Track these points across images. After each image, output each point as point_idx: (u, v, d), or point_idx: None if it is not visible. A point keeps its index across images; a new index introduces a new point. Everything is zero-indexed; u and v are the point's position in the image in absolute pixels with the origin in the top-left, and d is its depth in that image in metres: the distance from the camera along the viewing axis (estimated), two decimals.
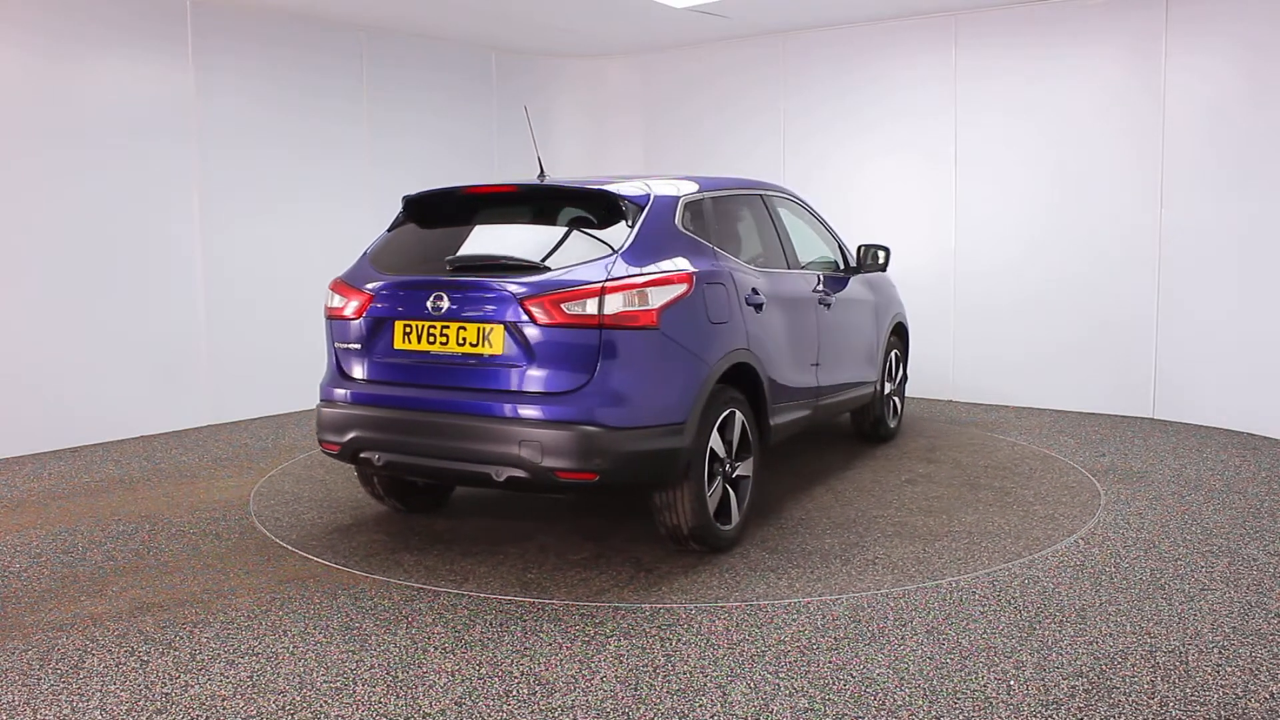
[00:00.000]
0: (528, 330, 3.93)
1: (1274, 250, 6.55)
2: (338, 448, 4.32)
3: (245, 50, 7.40)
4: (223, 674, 3.19)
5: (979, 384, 8.08)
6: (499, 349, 3.99)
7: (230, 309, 7.38)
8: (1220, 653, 3.28)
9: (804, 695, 3.01)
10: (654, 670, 3.19)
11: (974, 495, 5.28)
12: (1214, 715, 2.87)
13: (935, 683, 3.09)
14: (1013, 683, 3.08)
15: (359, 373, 4.36)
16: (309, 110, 7.83)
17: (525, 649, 3.37)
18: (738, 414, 4.39)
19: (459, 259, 4.22)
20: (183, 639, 3.47)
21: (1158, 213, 7.14)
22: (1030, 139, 7.62)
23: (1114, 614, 3.62)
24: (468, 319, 4.04)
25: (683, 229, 4.38)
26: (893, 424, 6.71)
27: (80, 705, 2.99)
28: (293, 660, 3.29)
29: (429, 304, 4.10)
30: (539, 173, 4.91)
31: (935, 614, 3.64)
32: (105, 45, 6.67)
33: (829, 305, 5.53)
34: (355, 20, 7.94)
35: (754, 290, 4.63)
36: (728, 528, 4.36)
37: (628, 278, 3.94)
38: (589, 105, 10.00)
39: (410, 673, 3.19)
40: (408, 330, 4.20)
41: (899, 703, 2.96)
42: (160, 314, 7.01)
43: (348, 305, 4.37)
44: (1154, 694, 3.00)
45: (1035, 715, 2.87)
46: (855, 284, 6.04)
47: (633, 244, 4.10)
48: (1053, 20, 7.43)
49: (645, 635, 3.47)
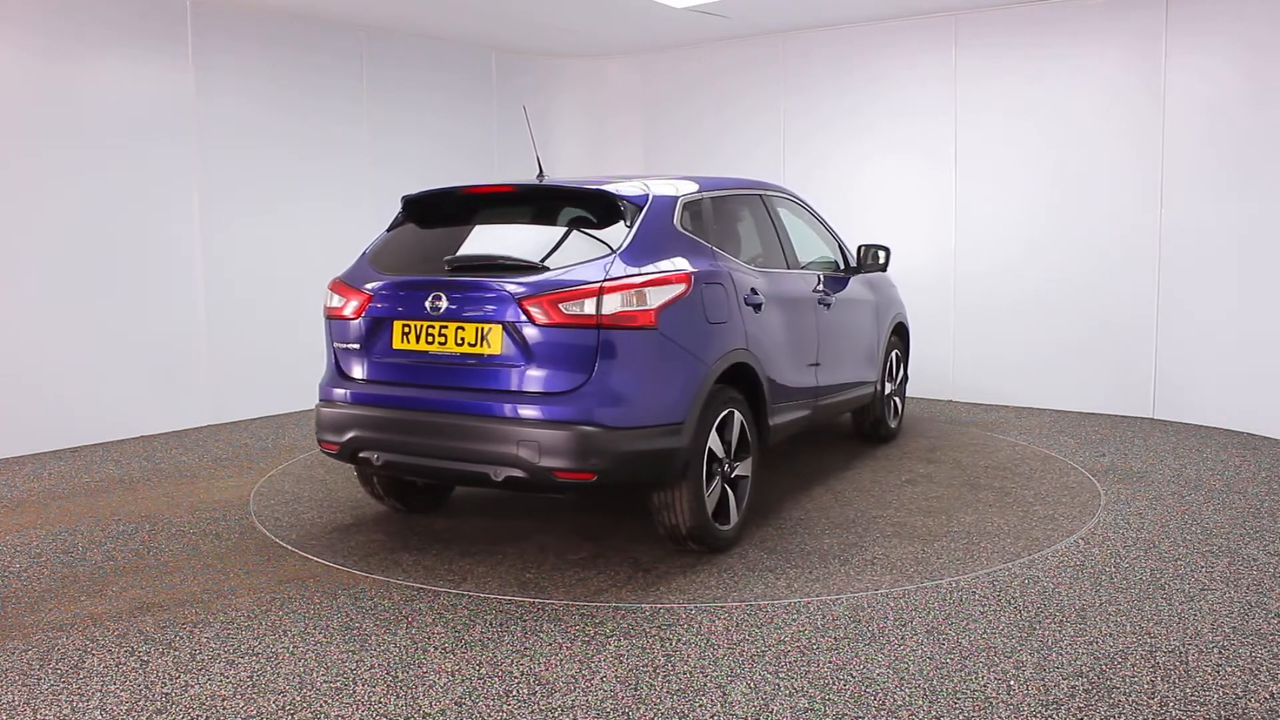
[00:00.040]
0: (526, 330, 3.93)
1: (1274, 250, 6.55)
2: (337, 447, 4.33)
3: (245, 50, 7.40)
4: (223, 674, 3.19)
5: (979, 384, 8.08)
6: (497, 349, 3.99)
7: (230, 309, 7.39)
8: (1220, 653, 3.28)
9: (804, 695, 3.01)
10: (654, 670, 3.19)
11: (974, 495, 5.28)
12: (1214, 715, 2.87)
13: (935, 683, 3.09)
14: (1013, 683, 3.08)
15: (358, 373, 4.36)
16: (309, 110, 7.83)
17: (525, 649, 3.37)
18: (736, 414, 4.39)
19: (457, 259, 4.22)
20: (183, 639, 3.47)
21: (1158, 213, 7.14)
22: (1030, 139, 7.62)
23: (1114, 614, 3.62)
24: (466, 319, 4.04)
25: (681, 229, 4.37)
26: (893, 424, 6.70)
27: (80, 705, 2.99)
28: (293, 660, 3.29)
29: (428, 304, 4.10)
30: (538, 173, 4.91)
31: (935, 614, 3.64)
32: (105, 45, 6.67)
33: (829, 305, 5.52)
34: (355, 20, 7.94)
35: (753, 290, 4.62)
36: (726, 528, 4.36)
37: (626, 278, 3.94)
38: (589, 105, 10.00)
39: (410, 673, 3.19)
40: (406, 330, 4.20)
41: (899, 703, 2.96)
42: (160, 314, 7.01)
43: (347, 305, 4.37)
44: (1154, 694, 3.00)
45: (1035, 715, 2.87)
46: (855, 284, 6.03)
47: (631, 244, 4.10)
48: (1053, 20, 7.43)
49: (645, 635, 3.47)
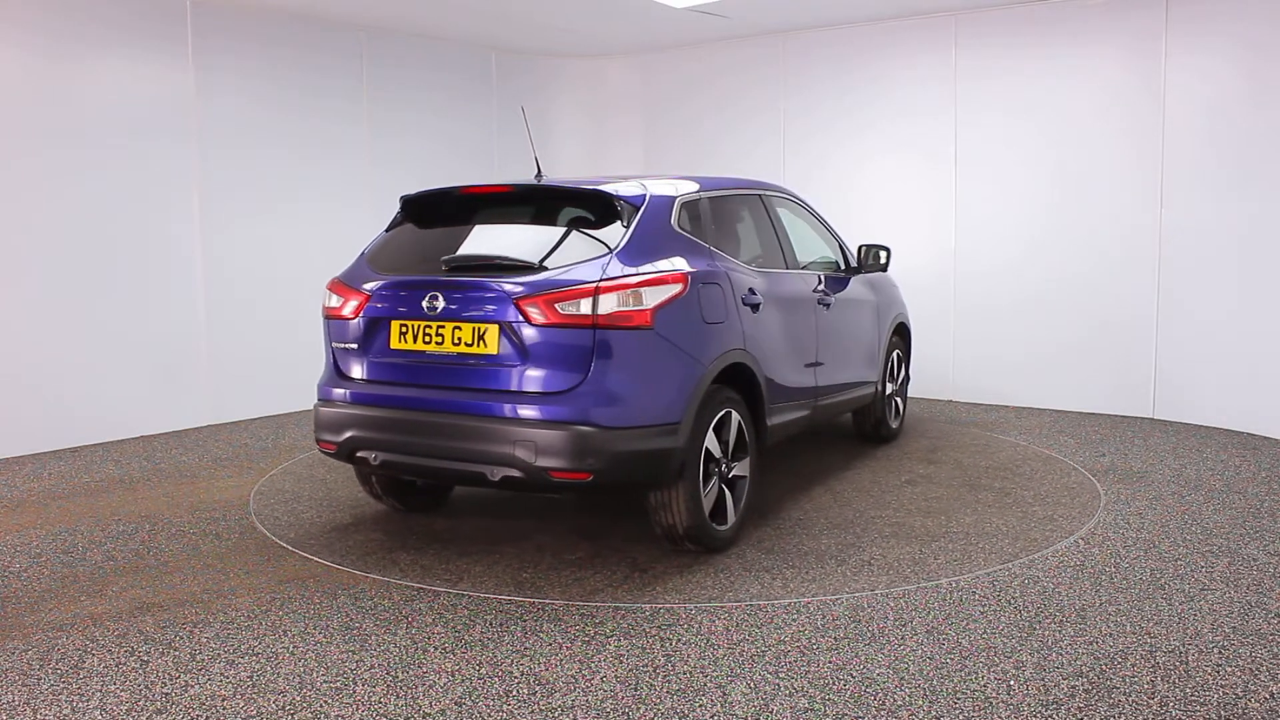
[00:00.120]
0: (522, 330, 3.93)
1: (1274, 250, 6.55)
2: (335, 447, 4.33)
3: (245, 50, 7.40)
4: (223, 674, 3.19)
5: (979, 384, 8.08)
6: (494, 349, 3.99)
7: (230, 309, 7.39)
8: (1220, 653, 3.28)
9: (804, 695, 3.01)
10: (654, 670, 3.19)
11: (974, 496, 5.28)
12: (1214, 715, 2.87)
13: (935, 683, 3.09)
14: (1013, 683, 3.08)
15: (356, 372, 4.37)
16: (309, 110, 7.83)
17: (525, 649, 3.37)
18: (734, 414, 4.39)
19: (455, 259, 4.23)
20: (183, 639, 3.47)
21: (1158, 213, 7.14)
22: (1030, 139, 7.62)
23: (1114, 614, 3.62)
24: (463, 319, 4.04)
25: (679, 229, 4.37)
26: (894, 424, 6.70)
27: (80, 705, 2.99)
28: (293, 660, 3.29)
29: (425, 304, 4.10)
30: (536, 173, 4.91)
31: (935, 614, 3.64)
32: (105, 45, 6.67)
33: (828, 305, 5.52)
34: (355, 20, 7.94)
35: (751, 290, 4.62)
36: (723, 528, 4.36)
37: (622, 278, 3.94)
38: (589, 105, 10.00)
39: (410, 673, 3.19)
40: (404, 330, 4.20)
41: (899, 703, 2.96)
42: (160, 314, 7.01)
43: (345, 305, 4.37)
44: (1154, 694, 3.00)
45: (1035, 715, 2.87)
46: (856, 284, 6.02)
47: (628, 244, 4.09)
48: (1053, 20, 7.43)
49: (645, 635, 3.47)
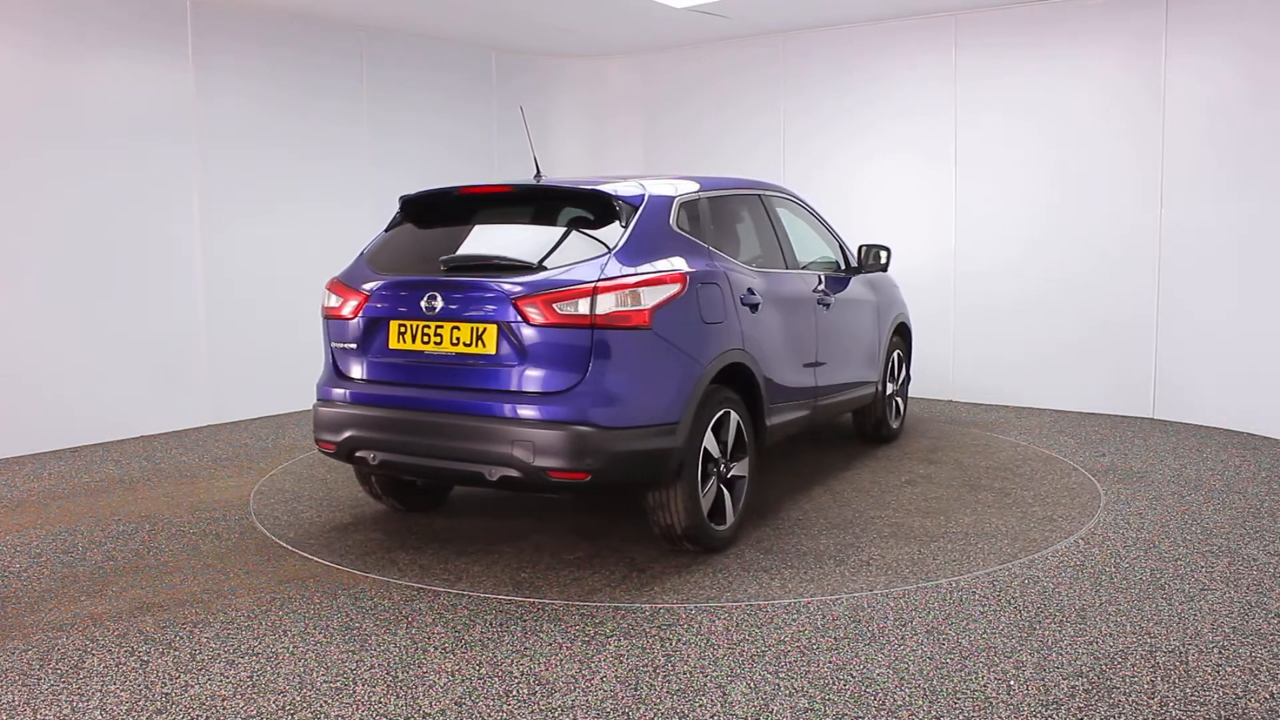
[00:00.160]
0: (521, 330, 3.93)
1: (1274, 250, 6.55)
2: (333, 447, 4.33)
3: (245, 50, 7.40)
4: (223, 674, 3.19)
5: (979, 384, 8.08)
6: (492, 349, 3.99)
7: (230, 309, 7.39)
8: (1220, 653, 3.28)
9: (804, 695, 3.01)
10: (654, 670, 3.19)
11: (973, 496, 5.27)
12: (1214, 715, 2.87)
13: (935, 683, 3.09)
14: (1013, 683, 3.08)
15: (355, 372, 4.37)
16: (309, 110, 7.83)
17: (525, 649, 3.37)
18: (733, 414, 4.39)
19: (453, 259, 4.23)
20: (183, 639, 3.47)
21: (1158, 213, 7.14)
22: (1030, 139, 7.62)
23: (1114, 614, 3.62)
24: (462, 319, 4.04)
25: (677, 229, 4.37)
26: (895, 425, 6.69)
27: (80, 705, 2.99)
28: (293, 660, 3.29)
29: (423, 304, 4.10)
30: (535, 173, 4.91)
31: (935, 614, 3.64)
32: (105, 45, 6.67)
33: (828, 305, 5.51)
34: (355, 20, 7.94)
35: (750, 290, 4.62)
36: (722, 528, 4.36)
37: (620, 278, 3.94)
38: (589, 105, 10.00)
39: (410, 673, 3.19)
40: (402, 330, 4.20)
41: (899, 703, 2.96)
42: (160, 314, 7.01)
43: (344, 305, 4.38)
44: (1154, 694, 3.00)
45: (1035, 715, 2.87)
46: (856, 284, 6.02)
47: (626, 244, 4.09)
48: (1053, 20, 7.43)
49: (645, 635, 3.47)
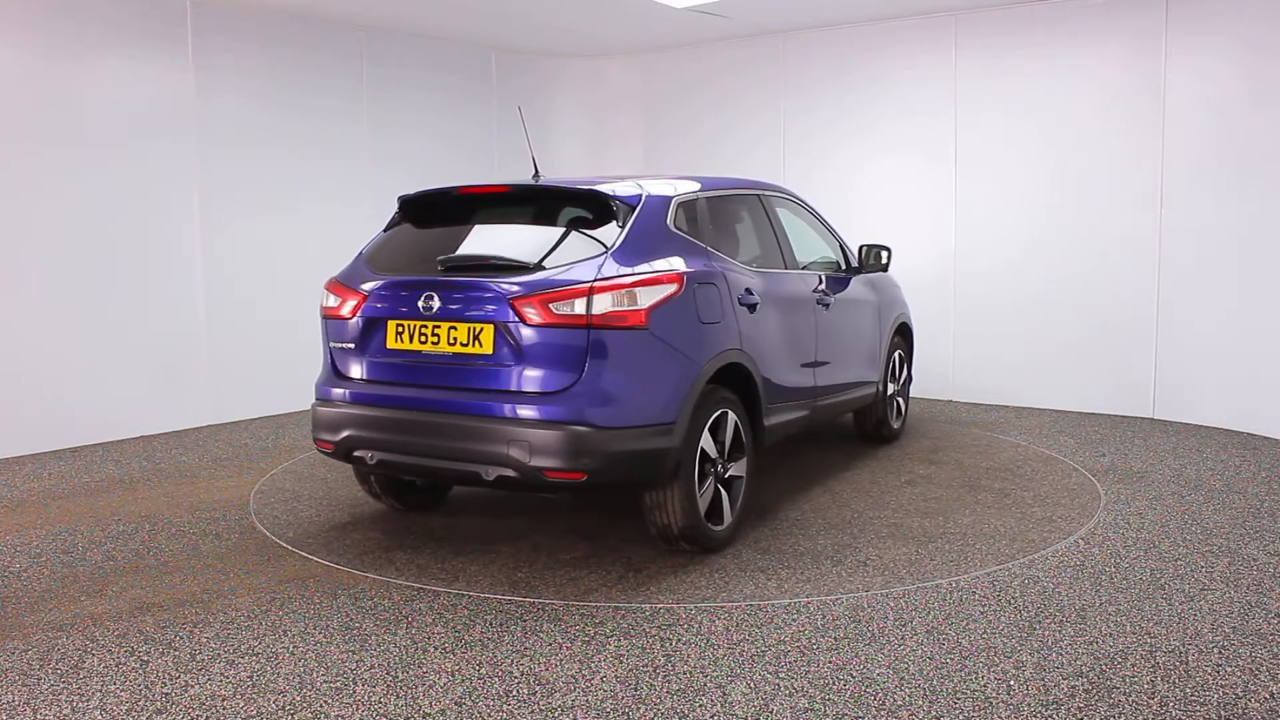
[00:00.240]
0: (517, 330, 3.93)
1: (1274, 250, 6.55)
2: (331, 446, 4.33)
3: (245, 50, 7.40)
4: (223, 674, 3.19)
5: (979, 384, 8.08)
6: (489, 349, 3.99)
7: (230, 309, 7.38)
8: (1220, 653, 3.28)
9: (804, 695, 3.01)
10: (654, 670, 3.19)
11: (973, 496, 5.27)
12: (1214, 715, 2.87)
13: (935, 683, 3.09)
14: (1013, 683, 3.08)
15: (353, 372, 4.38)
16: (309, 110, 7.83)
17: (525, 649, 3.37)
18: (730, 414, 4.39)
19: (451, 259, 4.23)
20: (183, 639, 3.47)
21: (1158, 213, 7.14)
22: (1030, 139, 7.62)
23: (1114, 614, 3.62)
24: (459, 319, 4.05)
25: (675, 229, 4.37)
26: (896, 425, 6.69)
27: (80, 705, 2.99)
28: (293, 660, 3.29)
29: (420, 304, 4.11)
30: (534, 173, 4.91)
31: (935, 614, 3.64)
32: (105, 45, 6.67)
33: (828, 305, 5.51)
34: (355, 20, 7.94)
35: (748, 290, 4.61)
36: (719, 528, 4.35)
37: (617, 278, 3.94)
38: (589, 105, 10.00)
39: (410, 673, 3.19)
40: (400, 330, 4.21)
41: (899, 703, 2.96)
42: (160, 314, 7.01)
43: (342, 305, 4.38)
44: (1154, 694, 3.00)
45: (1035, 715, 2.87)
46: (856, 284, 6.02)
47: (623, 244, 4.10)
48: (1053, 20, 7.43)
49: (645, 635, 3.47)
